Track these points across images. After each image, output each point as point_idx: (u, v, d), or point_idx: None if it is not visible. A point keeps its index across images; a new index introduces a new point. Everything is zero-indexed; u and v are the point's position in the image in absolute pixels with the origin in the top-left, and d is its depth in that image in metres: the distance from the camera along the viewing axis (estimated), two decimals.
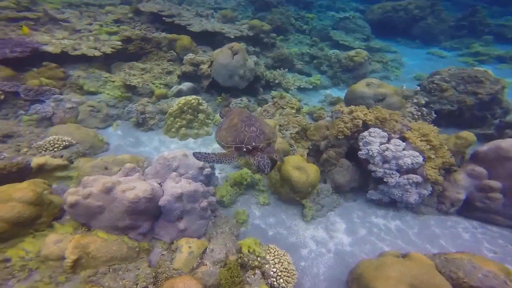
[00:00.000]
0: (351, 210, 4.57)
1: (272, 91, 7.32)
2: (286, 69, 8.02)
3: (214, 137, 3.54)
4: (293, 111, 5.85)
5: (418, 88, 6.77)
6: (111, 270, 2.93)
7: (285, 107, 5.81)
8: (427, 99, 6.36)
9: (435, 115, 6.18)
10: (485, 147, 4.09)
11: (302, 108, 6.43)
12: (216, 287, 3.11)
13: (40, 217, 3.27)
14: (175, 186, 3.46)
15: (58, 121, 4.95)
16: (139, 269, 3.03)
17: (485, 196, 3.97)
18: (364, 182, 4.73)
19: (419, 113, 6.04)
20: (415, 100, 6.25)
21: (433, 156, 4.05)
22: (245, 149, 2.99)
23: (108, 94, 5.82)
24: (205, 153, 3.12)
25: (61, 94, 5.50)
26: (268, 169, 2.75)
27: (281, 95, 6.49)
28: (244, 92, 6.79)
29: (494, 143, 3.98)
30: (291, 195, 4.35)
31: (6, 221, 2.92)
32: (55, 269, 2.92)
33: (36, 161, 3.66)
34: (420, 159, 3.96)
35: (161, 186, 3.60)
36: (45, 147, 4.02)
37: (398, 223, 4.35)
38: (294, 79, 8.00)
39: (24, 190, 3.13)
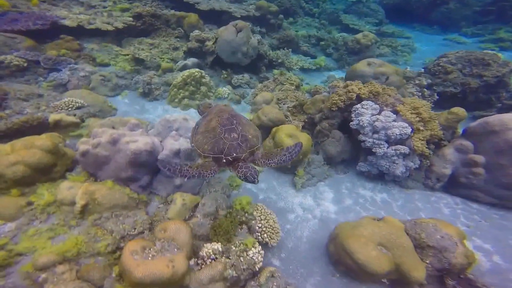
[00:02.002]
0: (340, 181, 4.76)
1: (274, 70, 7.45)
2: (290, 49, 8.08)
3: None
4: (293, 87, 5.99)
5: (422, 70, 6.68)
6: (113, 215, 3.30)
7: (284, 83, 5.97)
8: (430, 81, 6.30)
9: (437, 97, 6.14)
10: (475, 123, 4.13)
11: (302, 85, 6.55)
12: (205, 237, 3.44)
13: (56, 166, 3.71)
14: (174, 143, 3.80)
15: (72, 87, 5.44)
16: (137, 216, 3.40)
17: (470, 171, 4.05)
18: (356, 156, 4.89)
19: (420, 94, 6.02)
20: (417, 81, 6.21)
21: (421, 128, 4.14)
22: (224, 160, 2.58)
23: (118, 66, 6.21)
24: (178, 164, 2.65)
25: (76, 64, 5.96)
26: (258, 179, 2.45)
27: (281, 72, 6.63)
28: (246, 69, 6.99)
29: (483, 119, 4.03)
30: None
31: (29, 166, 3.39)
32: (68, 214, 3.37)
33: (53, 117, 4.13)
34: (409, 130, 4.07)
35: (162, 144, 3.96)
36: (61, 106, 4.49)
37: (384, 196, 4.51)
38: (297, 60, 8.06)
39: (43, 139, 3.57)
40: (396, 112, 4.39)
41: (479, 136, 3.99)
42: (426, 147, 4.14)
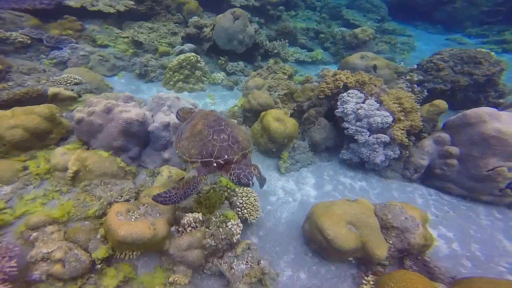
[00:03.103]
0: (323, 168, 4.93)
1: (270, 60, 7.58)
2: (287, 41, 8.18)
3: (176, 146, 2.79)
4: (285, 76, 6.14)
5: (415, 66, 6.77)
6: (102, 183, 3.49)
7: (278, 72, 6.11)
8: (421, 77, 6.40)
9: (427, 93, 6.24)
10: (454, 116, 4.27)
11: (295, 75, 6.68)
12: (188, 209, 3.61)
13: (51, 133, 3.95)
14: (164, 117, 4.00)
15: (72, 65, 5.67)
16: (124, 185, 3.57)
17: (444, 162, 4.21)
18: (340, 145, 5.06)
19: (410, 89, 6.13)
20: (408, 77, 6.31)
21: (402, 118, 4.29)
22: (215, 164, 2.34)
23: (117, 47, 6.40)
24: (165, 193, 2.41)
25: (77, 44, 6.17)
26: (253, 180, 2.20)
27: (275, 61, 6.76)
28: (242, 57, 7.13)
29: (463, 112, 4.16)
30: (269, 146, 4.77)
31: (27, 130, 3.61)
32: (60, 180, 3.57)
33: (52, 90, 4.36)
34: (390, 119, 4.22)
35: (153, 118, 4.15)
36: (60, 81, 4.73)
37: (363, 184, 4.68)
38: (293, 52, 8.16)
39: (42, 107, 3.81)
40: (380, 101, 4.54)
41: (457, 128, 4.15)
42: (406, 137, 4.30)
